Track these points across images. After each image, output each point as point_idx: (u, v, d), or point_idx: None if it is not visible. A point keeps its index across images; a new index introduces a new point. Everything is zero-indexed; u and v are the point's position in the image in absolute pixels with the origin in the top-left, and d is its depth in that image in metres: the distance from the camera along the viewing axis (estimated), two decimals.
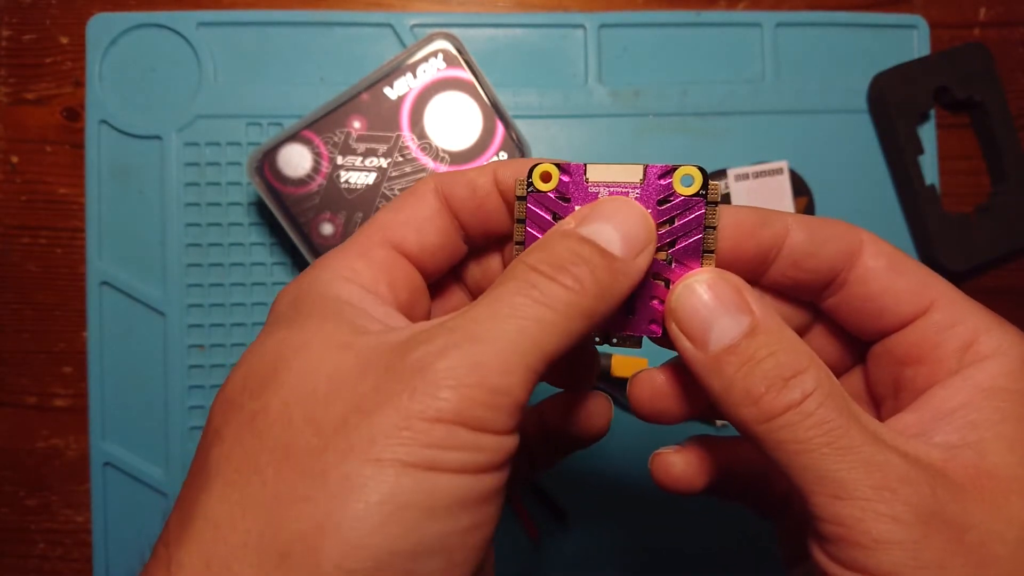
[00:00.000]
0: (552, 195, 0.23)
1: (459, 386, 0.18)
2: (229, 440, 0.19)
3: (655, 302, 0.23)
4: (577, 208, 0.23)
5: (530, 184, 0.23)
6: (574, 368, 0.26)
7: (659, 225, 0.22)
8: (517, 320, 0.19)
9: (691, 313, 0.21)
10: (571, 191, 0.23)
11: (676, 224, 0.22)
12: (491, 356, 0.19)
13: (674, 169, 0.22)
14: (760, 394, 0.20)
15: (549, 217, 0.23)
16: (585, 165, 0.23)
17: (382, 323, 0.21)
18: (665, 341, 0.23)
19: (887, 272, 0.23)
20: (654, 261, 0.22)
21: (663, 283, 0.23)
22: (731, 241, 0.23)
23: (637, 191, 0.23)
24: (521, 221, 0.23)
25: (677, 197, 0.22)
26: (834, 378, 0.21)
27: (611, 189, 0.23)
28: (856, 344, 0.26)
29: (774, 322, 0.21)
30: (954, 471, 0.20)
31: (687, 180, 0.22)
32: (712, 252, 0.22)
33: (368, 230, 0.24)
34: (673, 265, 0.23)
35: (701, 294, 0.21)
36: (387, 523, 0.17)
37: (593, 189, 0.23)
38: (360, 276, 0.23)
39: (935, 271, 0.23)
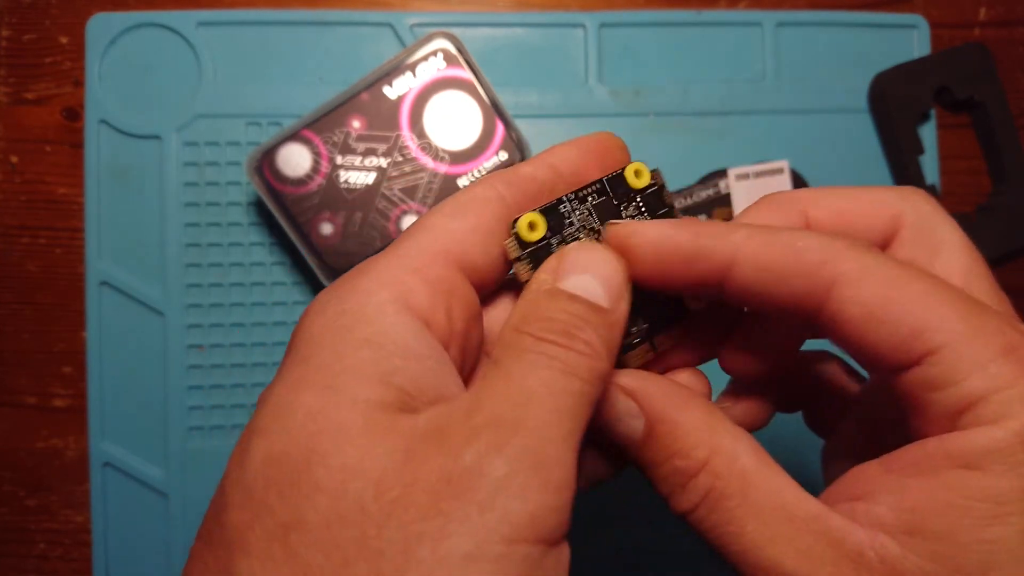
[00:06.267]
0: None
1: (525, 491, 0.16)
2: (257, 552, 0.16)
3: None
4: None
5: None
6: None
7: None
8: (554, 399, 0.17)
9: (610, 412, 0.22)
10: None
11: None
12: (543, 447, 0.17)
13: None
14: (666, 496, 0.21)
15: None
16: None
17: (434, 384, 0.19)
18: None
19: (864, 323, 0.18)
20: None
21: None
22: (653, 269, 0.21)
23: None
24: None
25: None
26: (741, 456, 0.20)
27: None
28: None
29: (668, 416, 0.21)
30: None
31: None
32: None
33: (423, 239, 0.20)
34: None
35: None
36: None
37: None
38: (415, 297, 0.19)
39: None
